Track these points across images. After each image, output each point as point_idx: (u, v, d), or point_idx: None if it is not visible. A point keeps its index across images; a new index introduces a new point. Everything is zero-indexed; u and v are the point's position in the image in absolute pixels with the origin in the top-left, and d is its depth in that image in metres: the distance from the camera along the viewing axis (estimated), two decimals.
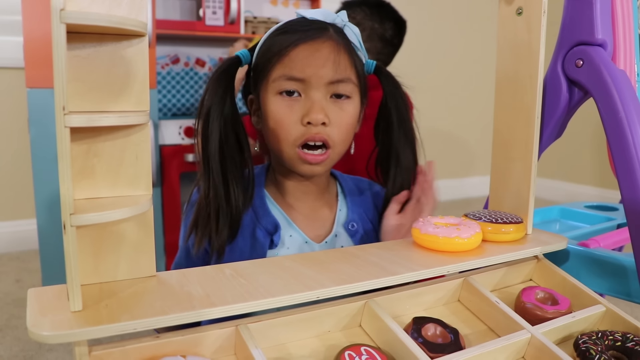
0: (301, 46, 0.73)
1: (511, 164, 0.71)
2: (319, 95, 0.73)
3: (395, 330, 0.51)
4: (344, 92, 0.75)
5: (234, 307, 0.46)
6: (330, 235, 0.80)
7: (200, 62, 2.19)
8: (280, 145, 0.74)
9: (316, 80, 0.72)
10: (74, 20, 0.40)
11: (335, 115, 0.74)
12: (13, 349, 1.45)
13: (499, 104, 0.73)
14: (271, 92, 0.74)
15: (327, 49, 0.73)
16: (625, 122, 0.64)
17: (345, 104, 0.75)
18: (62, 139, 0.41)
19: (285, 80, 0.73)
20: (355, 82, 0.76)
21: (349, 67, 0.75)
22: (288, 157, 0.75)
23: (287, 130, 0.73)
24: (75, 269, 0.42)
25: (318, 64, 0.72)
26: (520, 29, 0.68)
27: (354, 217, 0.82)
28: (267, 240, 0.75)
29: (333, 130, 0.74)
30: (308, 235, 0.79)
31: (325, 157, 0.74)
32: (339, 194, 0.86)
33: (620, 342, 0.54)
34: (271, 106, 0.74)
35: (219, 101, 0.73)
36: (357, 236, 0.81)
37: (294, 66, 0.73)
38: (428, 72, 3.16)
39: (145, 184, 0.51)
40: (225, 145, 0.73)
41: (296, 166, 0.75)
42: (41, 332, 0.40)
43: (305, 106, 0.73)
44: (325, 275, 0.54)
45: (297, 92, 0.73)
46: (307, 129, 0.72)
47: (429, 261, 0.59)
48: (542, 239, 0.69)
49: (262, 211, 0.78)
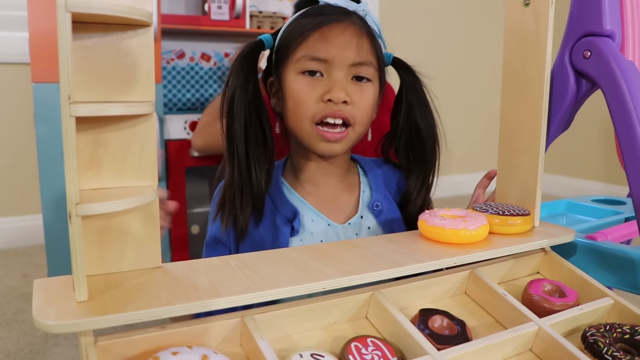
0: (325, 28, 0.75)
1: (518, 156, 0.71)
2: (341, 75, 0.74)
3: (401, 322, 0.50)
4: (366, 75, 0.76)
5: (240, 298, 0.46)
6: (355, 217, 0.81)
7: (206, 56, 2.19)
8: (300, 123, 0.75)
9: (339, 61, 0.74)
10: (79, 9, 0.40)
11: (356, 96, 0.75)
12: (20, 343, 1.45)
13: (506, 95, 0.72)
14: (293, 72, 0.76)
15: (351, 32, 0.75)
16: (633, 113, 0.63)
17: (366, 86, 0.77)
18: (68, 128, 0.41)
19: (308, 60, 0.74)
20: (375, 66, 0.78)
21: (371, 52, 0.77)
22: (307, 135, 0.76)
23: (307, 107, 0.74)
24: (80, 259, 0.42)
25: (341, 46, 0.74)
26: (527, 20, 0.68)
27: (378, 197, 0.83)
28: (288, 228, 0.76)
29: (354, 109, 0.75)
30: (330, 218, 0.79)
31: (344, 134, 0.75)
32: (361, 176, 0.86)
33: (628, 334, 0.54)
34: (293, 84, 0.76)
35: (243, 83, 0.75)
36: (382, 216, 0.82)
37: (317, 47, 0.74)
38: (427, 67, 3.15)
39: (150, 174, 0.51)
40: (249, 125, 0.75)
41: (315, 145, 0.76)
42: (47, 321, 0.40)
43: (327, 85, 0.74)
44: (332, 266, 0.53)
45: (319, 73, 0.75)
46: (327, 105, 0.74)
47: (435, 253, 0.58)
48: (549, 231, 0.68)
49: (280, 201, 0.79)
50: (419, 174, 0.84)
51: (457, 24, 3.29)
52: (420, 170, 0.84)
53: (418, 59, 0.86)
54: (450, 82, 3.28)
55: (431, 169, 0.84)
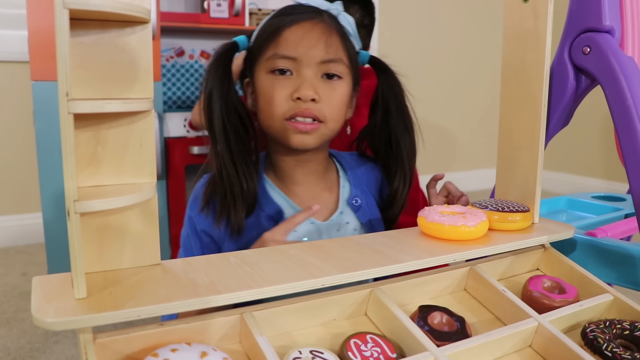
0: (295, 26, 0.76)
1: (517, 152, 0.71)
2: (310, 73, 0.75)
3: (401, 319, 0.50)
4: (336, 72, 0.77)
5: (239, 295, 0.46)
6: (335, 213, 0.82)
7: (205, 54, 2.18)
8: (271, 120, 0.76)
9: (307, 59, 0.75)
10: (76, 5, 0.40)
11: (326, 94, 0.76)
12: (20, 341, 1.45)
13: (505, 92, 0.72)
14: (264, 71, 0.77)
15: (319, 30, 0.76)
16: (633, 109, 0.63)
17: (336, 83, 0.77)
18: (66, 125, 0.41)
19: (277, 59, 0.75)
20: (346, 64, 0.78)
21: (341, 49, 0.78)
22: (279, 130, 0.76)
23: (278, 105, 0.75)
24: (79, 256, 0.42)
25: (310, 44, 0.75)
26: (526, 16, 0.68)
27: (357, 192, 0.84)
28: (272, 227, 0.75)
29: (324, 106, 0.75)
30: (313, 216, 0.79)
31: (316, 127, 0.76)
32: (340, 172, 0.87)
33: (628, 330, 0.53)
34: (264, 83, 0.76)
35: (219, 85, 0.75)
36: (360, 211, 0.83)
37: (286, 45, 0.75)
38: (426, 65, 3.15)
39: (149, 171, 0.51)
40: (228, 125, 0.75)
41: (288, 138, 0.76)
42: (45, 318, 0.40)
43: (296, 83, 0.75)
44: (331, 263, 0.53)
45: (289, 71, 0.75)
46: (297, 104, 0.74)
47: (435, 249, 0.58)
48: (549, 227, 0.68)
49: (264, 199, 0.79)
50: (401, 176, 0.84)
51: (456, 20, 3.29)
52: (401, 172, 0.84)
53: (417, 55, 0.86)
54: (449, 79, 3.28)
55: (411, 170, 0.85)
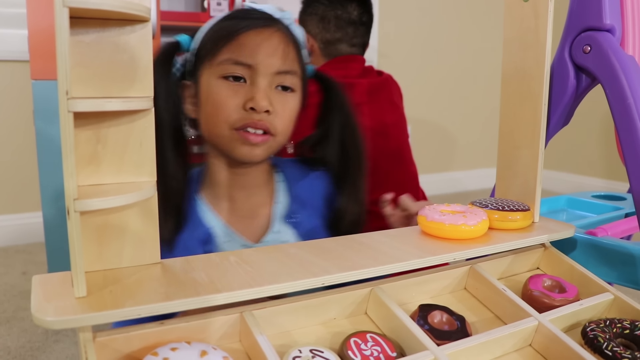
0: (252, 32, 0.72)
1: (518, 151, 0.71)
2: (265, 83, 0.72)
3: (401, 317, 0.50)
4: (290, 85, 0.74)
5: (239, 294, 0.46)
6: (268, 233, 0.78)
7: None
8: (217, 128, 0.72)
9: (264, 68, 0.72)
10: (76, 4, 0.40)
11: (279, 106, 0.73)
12: (20, 340, 1.45)
13: (505, 91, 0.72)
14: (214, 76, 0.72)
15: (277, 39, 0.73)
16: (633, 108, 0.63)
17: (290, 96, 0.75)
18: (66, 124, 0.41)
19: (232, 65, 0.72)
20: (300, 77, 0.76)
21: (297, 61, 0.75)
22: (226, 141, 0.72)
23: (227, 113, 0.71)
24: (79, 255, 0.42)
25: (268, 52, 0.72)
26: (527, 15, 0.68)
27: (296, 207, 0.80)
28: (200, 252, 0.70)
29: (276, 119, 0.72)
30: (247, 236, 0.76)
31: (266, 139, 0.72)
32: (280, 184, 0.82)
33: (628, 329, 0.53)
34: (213, 88, 0.72)
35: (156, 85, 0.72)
36: (300, 228, 0.79)
37: (242, 51, 0.71)
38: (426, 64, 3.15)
39: (149, 170, 0.51)
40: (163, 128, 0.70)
41: (235, 149, 0.72)
42: (45, 317, 0.40)
43: (250, 92, 0.71)
44: (331, 262, 0.53)
45: (243, 79, 0.72)
46: (249, 114, 0.71)
47: (435, 248, 0.58)
48: (549, 226, 0.68)
49: (193, 222, 0.74)
50: (351, 193, 0.81)
51: (456, 19, 3.29)
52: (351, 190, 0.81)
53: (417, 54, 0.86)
54: (449, 79, 3.27)
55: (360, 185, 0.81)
